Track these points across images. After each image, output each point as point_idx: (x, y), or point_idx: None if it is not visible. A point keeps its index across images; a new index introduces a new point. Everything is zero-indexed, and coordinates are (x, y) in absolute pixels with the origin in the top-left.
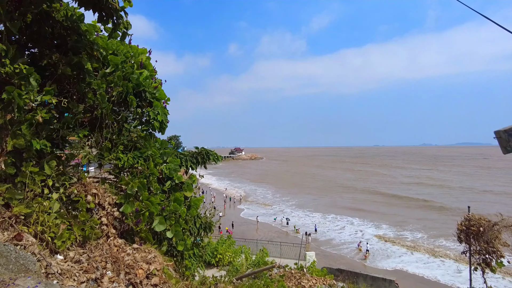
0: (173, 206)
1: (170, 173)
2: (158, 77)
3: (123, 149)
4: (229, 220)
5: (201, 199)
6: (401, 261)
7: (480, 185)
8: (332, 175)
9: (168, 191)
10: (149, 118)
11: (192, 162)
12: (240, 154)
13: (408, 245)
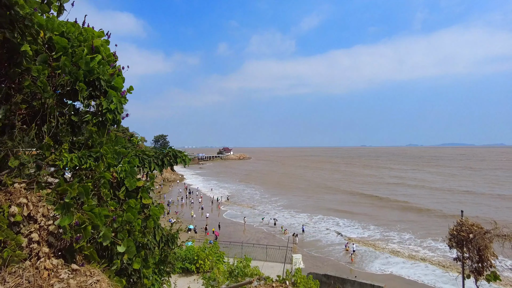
0: (126, 216)
1: (128, 176)
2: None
3: (70, 147)
4: (216, 221)
5: (162, 208)
6: (387, 262)
7: (461, 186)
8: (320, 176)
9: (124, 198)
10: (101, 109)
11: (156, 164)
12: (229, 154)
13: (395, 247)
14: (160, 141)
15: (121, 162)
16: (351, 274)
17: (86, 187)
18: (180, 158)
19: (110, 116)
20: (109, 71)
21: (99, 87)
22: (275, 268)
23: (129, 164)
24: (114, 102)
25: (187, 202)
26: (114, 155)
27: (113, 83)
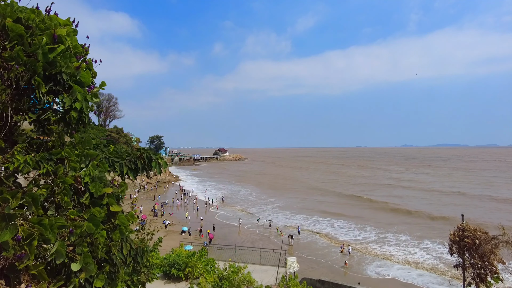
0: (87, 227)
1: (95, 181)
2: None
3: (27, 149)
4: (211, 223)
5: (132, 217)
6: (383, 265)
7: (453, 187)
8: (315, 178)
9: (89, 206)
10: (63, 107)
11: (129, 168)
12: (224, 154)
13: (391, 250)
14: (156, 142)
15: (88, 166)
16: (346, 277)
17: (34, 195)
18: (155, 161)
19: (75, 115)
20: (74, 64)
21: (61, 81)
22: (269, 272)
23: (97, 168)
24: (79, 99)
25: (182, 204)
26: (81, 157)
27: (78, 78)
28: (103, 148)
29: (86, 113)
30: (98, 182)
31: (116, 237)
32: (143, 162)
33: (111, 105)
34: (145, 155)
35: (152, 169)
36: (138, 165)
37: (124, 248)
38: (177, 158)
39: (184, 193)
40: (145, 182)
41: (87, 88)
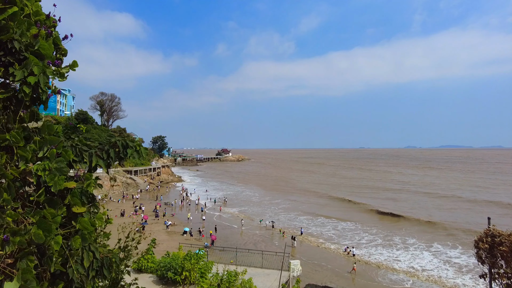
0: (34, 235)
1: (54, 174)
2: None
3: None
4: (213, 224)
5: (99, 219)
6: (392, 270)
7: (452, 191)
8: (319, 179)
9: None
10: (14, 80)
11: (100, 157)
12: (227, 155)
13: (399, 254)
14: (159, 142)
15: (46, 154)
16: (354, 283)
17: None
18: (132, 148)
19: (27, 90)
20: (32, 31)
21: (13, 51)
22: (271, 276)
23: (56, 159)
24: (36, 72)
25: (185, 204)
26: (39, 144)
27: (37, 48)
28: (72, 135)
29: (43, 89)
30: (57, 174)
31: (76, 245)
32: (118, 150)
33: (114, 105)
34: (120, 143)
35: (128, 157)
36: (111, 154)
37: (86, 258)
38: (180, 159)
39: (187, 193)
40: (147, 182)
41: (48, 62)
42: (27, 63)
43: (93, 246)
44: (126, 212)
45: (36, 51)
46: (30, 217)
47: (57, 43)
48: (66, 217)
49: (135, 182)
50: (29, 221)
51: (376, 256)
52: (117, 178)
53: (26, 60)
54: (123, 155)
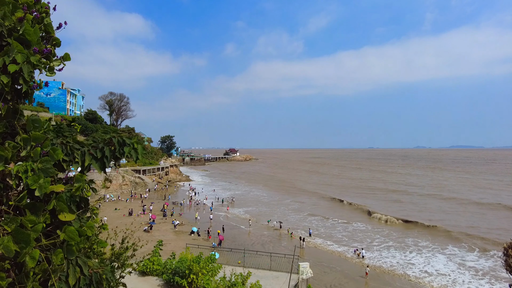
0: (4, 248)
1: (37, 177)
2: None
3: None
4: (220, 224)
5: (90, 228)
6: (411, 274)
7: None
8: (326, 181)
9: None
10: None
11: (93, 156)
12: (235, 155)
13: (412, 256)
14: (167, 142)
15: (29, 153)
16: (366, 284)
17: None
18: (129, 146)
19: (5, 80)
20: (17, 14)
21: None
22: (280, 279)
23: (42, 158)
24: (19, 60)
25: (192, 204)
26: (23, 142)
27: (21, 34)
28: (65, 132)
29: (27, 79)
30: (42, 175)
31: (57, 260)
32: (114, 148)
33: (122, 105)
34: (116, 140)
35: (125, 156)
36: (106, 153)
37: (71, 275)
38: (188, 158)
39: (195, 193)
40: (156, 181)
41: (34, 49)
42: (8, 50)
43: (81, 259)
44: (134, 212)
45: (21, 37)
46: (5, 226)
47: (49, 31)
48: (52, 225)
49: (143, 181)
50: (4, 231)
51: (388, 259)
52: (126, 177)
53: (8, 46)
54: (119, 154)
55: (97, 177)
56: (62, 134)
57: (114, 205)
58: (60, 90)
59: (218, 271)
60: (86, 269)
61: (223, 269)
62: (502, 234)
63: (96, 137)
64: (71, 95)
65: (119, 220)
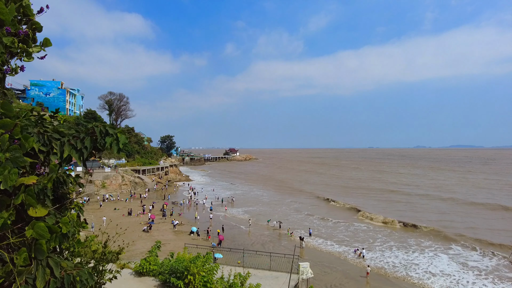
0: None
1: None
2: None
3: None
4: (220, 223)
5: (65, 224)
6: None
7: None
8: (327, 180)
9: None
10: None
11: (73, 147)
12: (235, 155)
13: (415, 256)
14: (167, 142)
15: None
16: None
17: None
18: (112, 137)
19: None
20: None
21: None
22: (280, 279)
23: (11, 146)
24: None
25: (192, 204)
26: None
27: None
28: (46, 123)
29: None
30: (9, 166)
31: (20, 260)
32: (95, 138)
33: (122, 105)
34: (99, 130)
35: (106, 148)
36: (86, 143)
37: (40, 277)
38: (188, 158)
39: (194, 192)
40: (155, 181)
41: (6, 28)
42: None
43: (53, 260)
44: (133, 212)
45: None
46: None
47: (28, 14)
48: (23, 221)
49: (143, 181)
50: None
51: (391, 259)
52: (125, 177)
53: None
54: (101, 145)
55: (97, 177)
56: (42, 124)
57: (114, 205)
58: (59, 89)
59: (216, 272)
60: (58, 270)
61: (221, 269)
62: (501, 234)
63: (80, 127)
64: (70, 94)
65: (118, 220)
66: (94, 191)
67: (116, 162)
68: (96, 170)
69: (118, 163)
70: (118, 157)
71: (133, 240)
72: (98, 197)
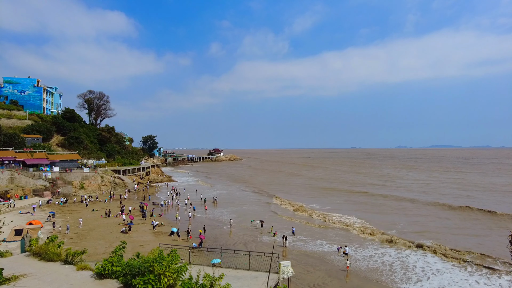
0: None
1: None
2: None
3: None
4: (202, 224)
5: None
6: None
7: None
8: (314, 176)
9: None
10: None
11: None
12: (219, 155)
13: (408, 254)
14: (149, 142)
15: None
16: (348, 282)
17: None
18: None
19: None
20: None
21: None
22: (259, 279)
23: None
24: None
25: (174, 204)
26: None
27: None
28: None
29: None
30: None
31: None
32: None
33: (102, 104)
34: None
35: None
36: None
37: None
38: (171, 159)
39: (176, 193)
40: (136, 182)
41: None
42: None
43: None
44: (112, 213)
45: None
46: None
47: None
48: None
49: (123, 181)
50: None
51: (381, 258)
52: (105, 177)
53: None
54: None
55: (75, 178)
56: None
57: (92, 206)
58: (36, 87)
59: (184, 273)
60: None
61: (189, 270)
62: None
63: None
64: (47, 93)
65: (96, 221)
66: (72, 192)
67: (96, 162)
68: (74, 170)
69: (97, 163)
70: (98, 157)
71: (111, 242)
72: (75, 198)
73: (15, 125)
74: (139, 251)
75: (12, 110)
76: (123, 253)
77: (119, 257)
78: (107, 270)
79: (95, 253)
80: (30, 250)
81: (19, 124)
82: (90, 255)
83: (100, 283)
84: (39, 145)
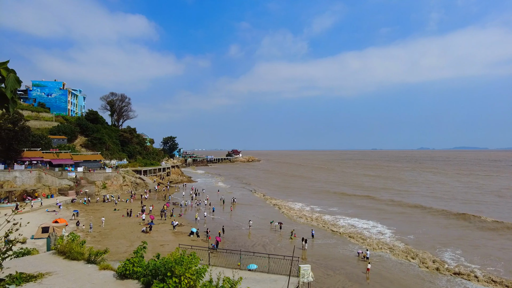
0: None
1: None
2: None
3: None
4: (221, 225)
5: None
6: (415, 276)
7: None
8: (330, 179)
9: None
10: None
11: None
12: (237, 156)
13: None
14: (169, 143)
15: None
16: (369, 285)
17: None
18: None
19: None
20: None
21: None
22: (278, 282)
23: None
24: None
25: (193, 204)
26: None
27: None
28: None
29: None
30: None
31: None
32: None
33: (124, 105)
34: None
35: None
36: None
37: None
38: (190, 159)
39: (196, 193)
40: (156, 182)
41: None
42: None
43: None
44: (133, 212)
45: None
46: None
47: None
48: None
49: (144, 182)
50: None
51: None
52: (126, 178)
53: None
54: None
55: (98, 178)
56: None
57: (114, 206)
58: (61, 90)
59: (204, 275)
60: None
61: (209, 272)
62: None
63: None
64: (72, 95)
65: (118, 220)
66: (95, 191)
67: (118, 163)
68: (97, 170)
69: (119, 164)
70: (120, 158)
71: (132, 241)
72: (98, 198)
73: (42, 126)
74: (160, 251)
75: (39, 112)
76: (144, 254)
77: (140, 258)
78: (129, 271)
79: (116, 252)
80: (56, 249)
81: (46, 125)
82: (112, 254)
83: (121, 283)
84: (64, 146)
